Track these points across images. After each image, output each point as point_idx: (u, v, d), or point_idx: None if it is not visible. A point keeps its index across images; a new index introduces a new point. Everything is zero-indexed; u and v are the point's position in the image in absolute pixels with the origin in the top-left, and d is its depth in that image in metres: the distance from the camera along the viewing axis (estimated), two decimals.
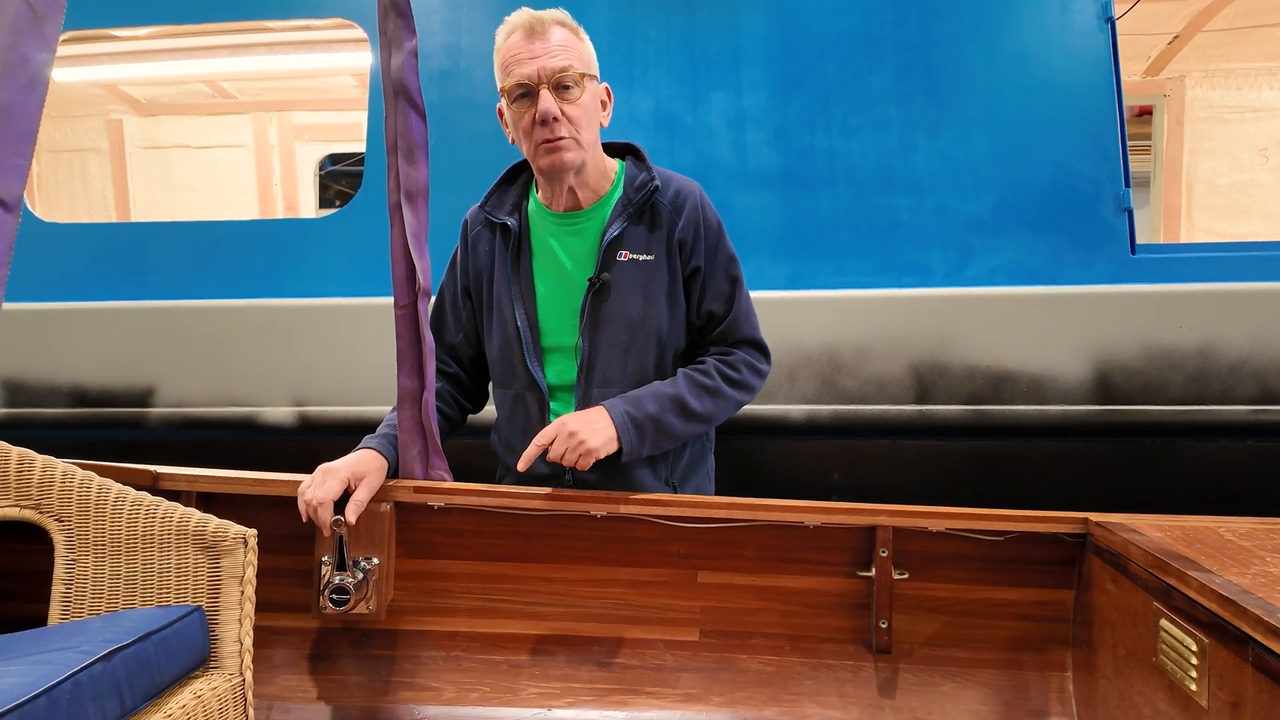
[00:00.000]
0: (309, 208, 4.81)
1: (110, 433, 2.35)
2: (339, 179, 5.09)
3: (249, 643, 1.22)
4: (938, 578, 1.37)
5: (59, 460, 1.28)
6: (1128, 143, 2.22)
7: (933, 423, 2.15)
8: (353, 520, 1.25)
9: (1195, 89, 4.10)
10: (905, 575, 1.35)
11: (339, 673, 1.40)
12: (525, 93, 1.27)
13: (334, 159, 4.92)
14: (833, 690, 1.35)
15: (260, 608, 1.27)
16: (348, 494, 1.27)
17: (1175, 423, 2.11)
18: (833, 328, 2.18)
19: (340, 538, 1.27)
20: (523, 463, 1.29)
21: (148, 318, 2.35)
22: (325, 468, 1.27)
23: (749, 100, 2.29)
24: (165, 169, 4.79)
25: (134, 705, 1.05)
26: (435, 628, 1.41)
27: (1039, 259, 2.18)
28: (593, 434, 1.26)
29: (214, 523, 1.22)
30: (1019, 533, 1.33)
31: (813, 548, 1.38)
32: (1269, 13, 3.61)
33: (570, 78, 1.27)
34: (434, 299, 1.50)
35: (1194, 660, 1.00)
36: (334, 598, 1.26)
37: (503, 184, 1.46)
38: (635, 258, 1.36)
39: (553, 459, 1.27)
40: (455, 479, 1.40)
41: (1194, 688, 1.00)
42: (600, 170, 1.38)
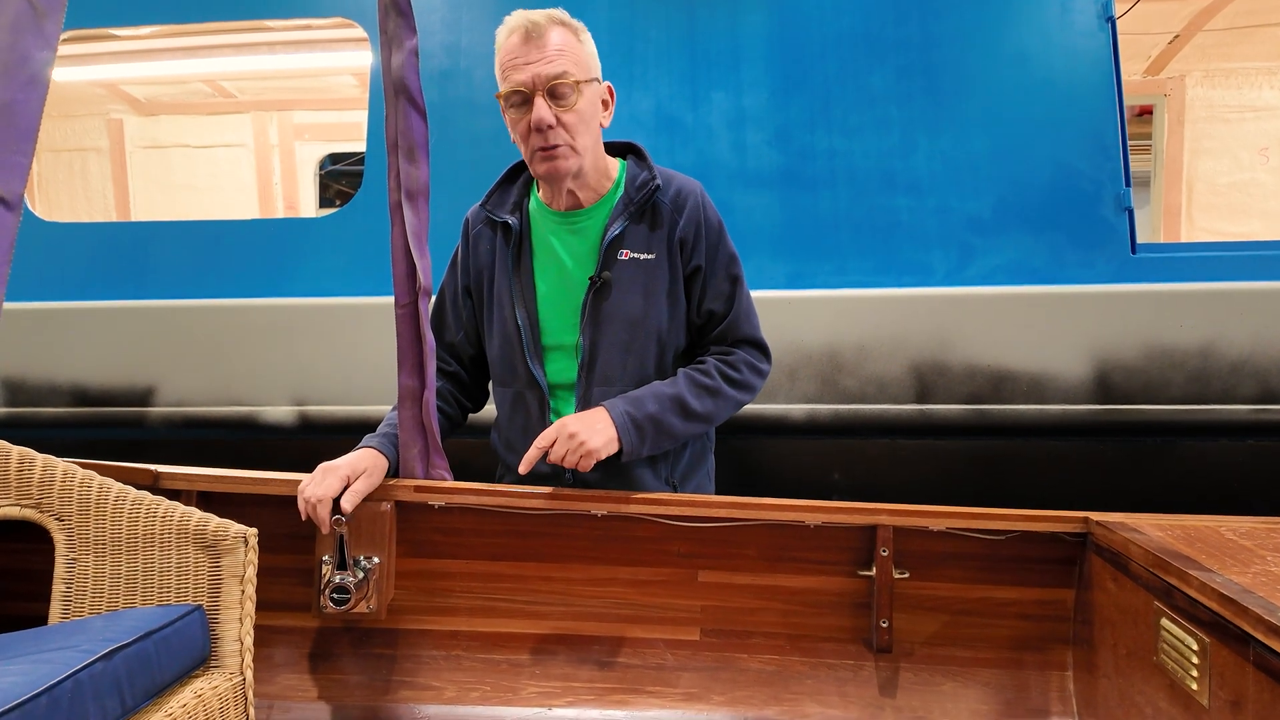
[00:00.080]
0: (309, 207, 4.81)
1: (111, 432, 2.35)
2: (339, 178, 5.09)
3: (249, 642, 1.22)
4: (938, 577, 1.37)
5: (59, 459, 1.28)
6: (1128, 142, 2.22)
7: (933, 422, 2.15)
8: (348, 509, 1.25)
9: (1195, 88, 4.10)
10: (906, 574, 1.35)
11: (339, 672, 1.40)
12: (521, 99, 1.27)
13: (334, 158, 4.92)
14: (833, 689, 1.35)
15: (261, 607, 1.26)
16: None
17: (1176, 422, 2.11)
18: (833, 327, 2.17)
19: (341, 537, 1.27)
20: (524, 465, 1.29)
21: (148, 317, 2.35)
22: (325, 466, 1.27)
23: (749, 100, 2.29)
24: (165, 168, 4.79)
25: (135, 704, 1.05)
26: (436, 627, 1.41)
27: (1039, 258, 2.18)
28: (593, 435, 1.26)
29: (214, 522, 1.22)
30: (1019, 532, 1.33)
31: (813, 547, 1.38)
32: (1269, 12, 3.61)
33: (565, 85, 1.25)
34: (434, 298, 1.50)
35: (1195, 659, 1.00)
36: (334, 597, 1.26)
37: (504, 183, 1.46)
38: (636, 257, 1.35)
39: (554, 461, 1.27)
40: (455, 478, 1.40)
41: (1195, 687, 1.00)
42: (601, 170, 1.38)
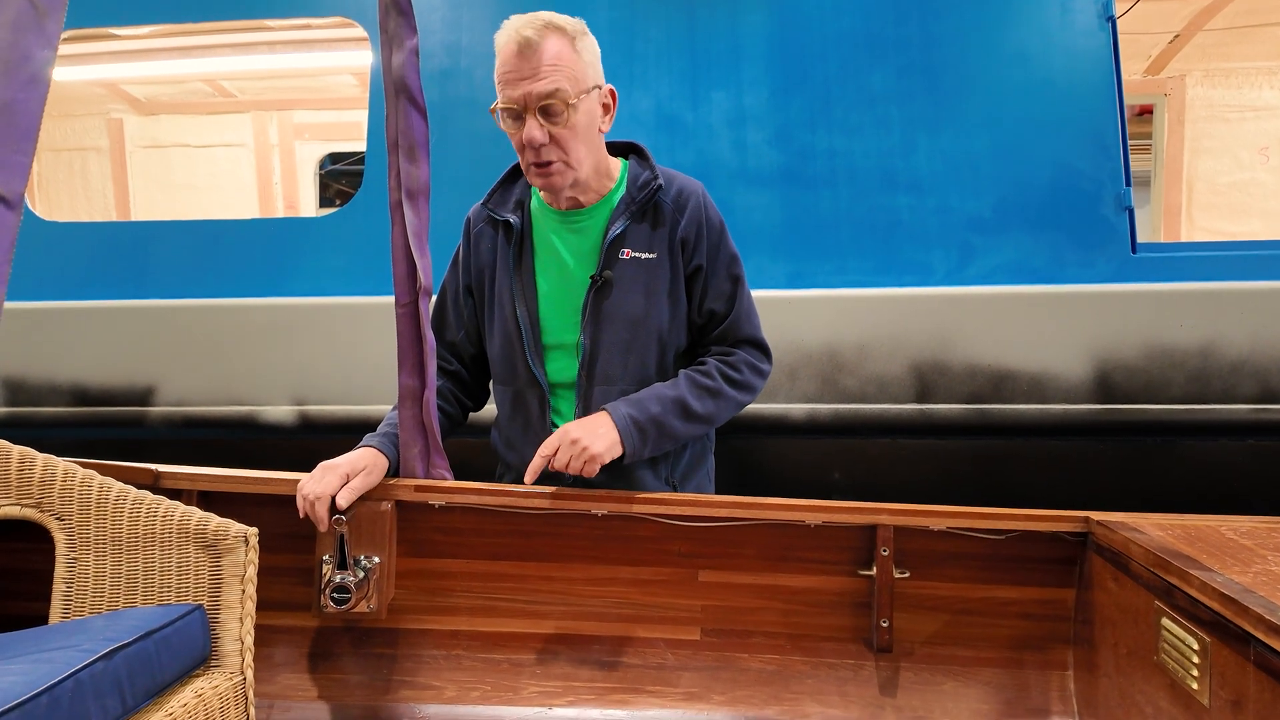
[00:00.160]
0: (309, 207, 4.81)
1: (111, 431, 2.35)
2: (339, 178, 5.09)
3: (250, 641, 1.22)
4: (939, 576, 1.37)
5: (60, 459, 1.28)
6: (1128, 142, 2.22)
7: (934, 422, 2.15)
8: (343, 505, 1.24)
9: (1196, 88, 4.11)
10: (906, 574, 1.35)
11: (340, 671, 1.40)
12: (515, 115, 1.26)
13: (334, 158, 4.92)
14: (834, 689, 1.35)
15: (261, 606, 1.26)
16: None
17: (1176, 422, 2.11)
18: (834, 327, 2.17)
19: (341, 536, 1.27)
20: (529, 475, 1.29)
21: (148, 317, 2.35)
22: (325, 464, 1.27)
23: (750, 99, 2.29)
24: (165, 168, 4.79)
25: (135, 704, 1.05)
26: (436, 626, 1.41)
27: (1040, 258, 2.18)
28: (596, 439, 1.26)
29: (215, 521, 1.22)
30: (1020, 532, 1.33)
31: (814, 547, 1.38)
32: (1269, 12, 3.61)
33: (558, 104, 1.23)
34: (435, 296, 1.50)
35: (1195, 659, 1.00)
36: (335, 596, 1.26)
37: (505, 182, 1.46)
38: (637, 256, 1.35)
39: (558, 468, 1.27)
40: (456, 478, 1.40)
41: (1195, 686, 1.00)
42: (603, 171, 1.38)
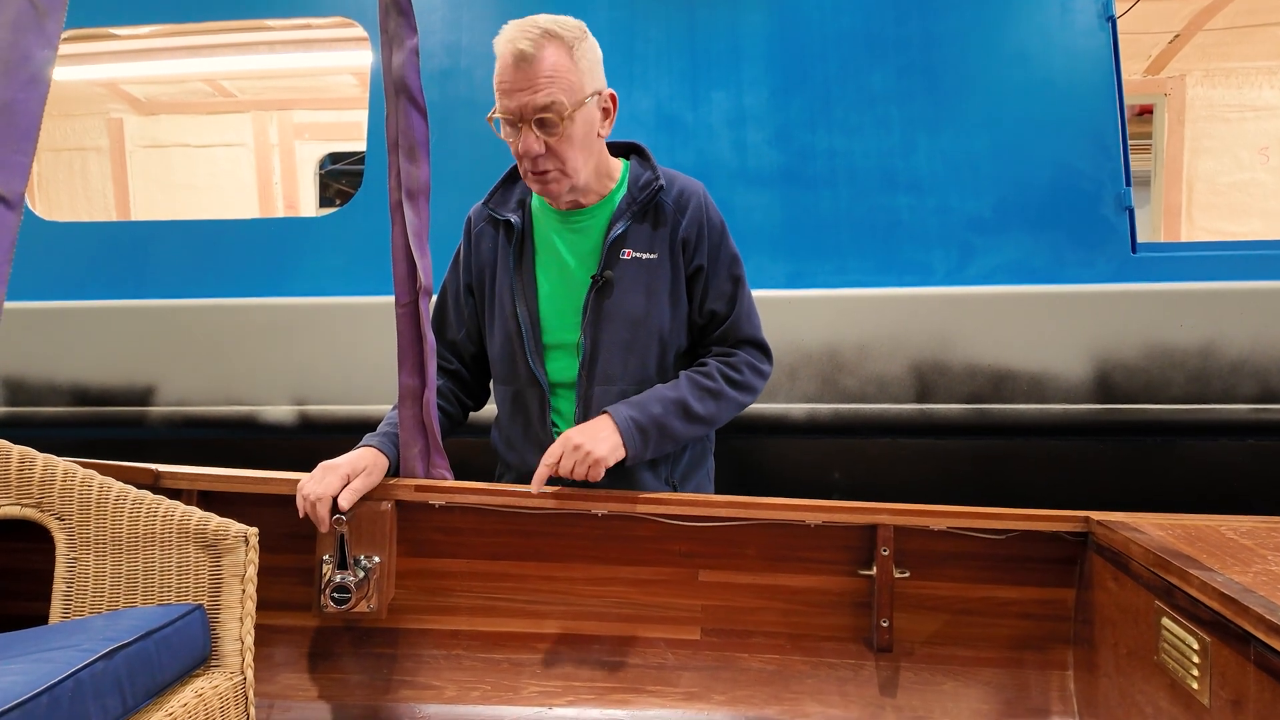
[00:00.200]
0: (309, 206, 4.81)
1: (111, 431, 2.35)
2: (339, 178, 5.10)
3: (250, 641, 1.22)
4: (939, 576, 1.37)
5: (60, 459, 1.28)
6: (1128, 141, 2.22)
7: (934, 421, 2.15)
8: (345, 506, 1.24)
9: (1196, 88, 4.11)
10: (906, 574, 1.35)
11: (340, 671, 1.40)
12: (512, 123, 1.26)
13: (334, 158, 4.92)
14: (834, 689, 1.35)
15: (261, 606, 1.26)
16: None
17: (1176, 421, 2.11)
18: (834, 326, 2.17)
19: (341, 536, 1.27)
20: (535, 485, 1.29)
21: (148, 316, 2.35)
22: (325, 464, 1.27)
23: (750, 99, 2.29)
24: (165, 168, 4.79)
25: (135, 703, 1.05)
26: (436, 626, 1.41)
27: (1040, 258, 2.18)
28: (598, 443, 1.26)
29: (215, 521, 1.22)
30: (1020, 531, 1.33)
31: (814, 546, 1.38)
32: (1269, 11, 3.61)
33: (553, 116, 1.23)
34: (436, 296, 1.50)
35: (1195, 659, 1.00)
36: (335, 596, 1.26)
37: (507, 181, 1.46)
38: (638, 256, 1.35)
39: (563, 475, 1.27)
40: (456, 478, 1.40)
41: (1196, 686, 1.00)
42: (603, 172, 1.37)
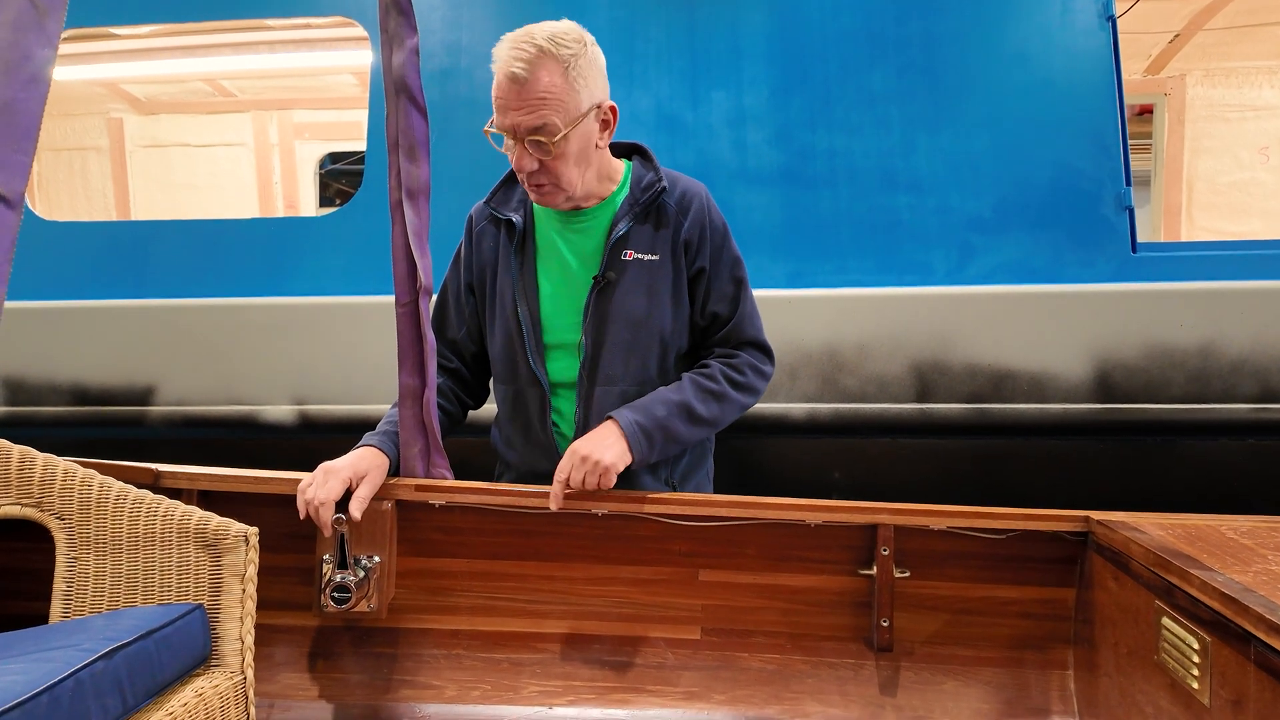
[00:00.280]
0: (309, 206, 4.81)
1: (111, 431, 2.35)
2: (339, 177, 5.09)
3: (250, 641, 1.22)
4: (939, 576, 1.37)
5: (60, 458, 1.28)
6: (1128, 141, 2.22)
7: (934, 421, 2.15)
8: (358, 516, 1.26)
9: (1196, 87, 4.11)
10: (906, 574, 1.35)
11: (340, 671, 1.40)
12: (509, 136, 1.26)
13: (334, 157, 4.92)
14: (834, 688, 1.35)
15: (261, 606, 1.26)
16: (349, 494, 1.27)
17: (1176, 421, 2.11)
18: (834, 326, 2.17)
19: (342, 536, 1.27)
20: (553, 503, 1.29)
21: (148, 316, 2.35)
22: (326, 467, 1.27)
23: (750, 99, 2.29)
24: (165, 167, 4.79)
25: (135, 703, 1.05)
26: (436, 626, 1.41)
27: (1040, 257, 2.18)
28: (605, 451, 1.26)
29: (215, 521, 1.22)
30: (1020, 531, 1.33)
31: (814, 546, 1.38)
32: (1270, 11, 3.61)
33: (546, 137, 1.22)
34: (437, 295, 1.50)
35: (1196, 658, 1.00)
36: (335, 596, 1.26)
37: (508, 180, 1.45)
38: (640, 257, 1.35)
39: (576, 487, 1.28)
40: (456, 477, 1.40)
41: (1196, 686, 1.00)
42: (604, 174, 1.37)
